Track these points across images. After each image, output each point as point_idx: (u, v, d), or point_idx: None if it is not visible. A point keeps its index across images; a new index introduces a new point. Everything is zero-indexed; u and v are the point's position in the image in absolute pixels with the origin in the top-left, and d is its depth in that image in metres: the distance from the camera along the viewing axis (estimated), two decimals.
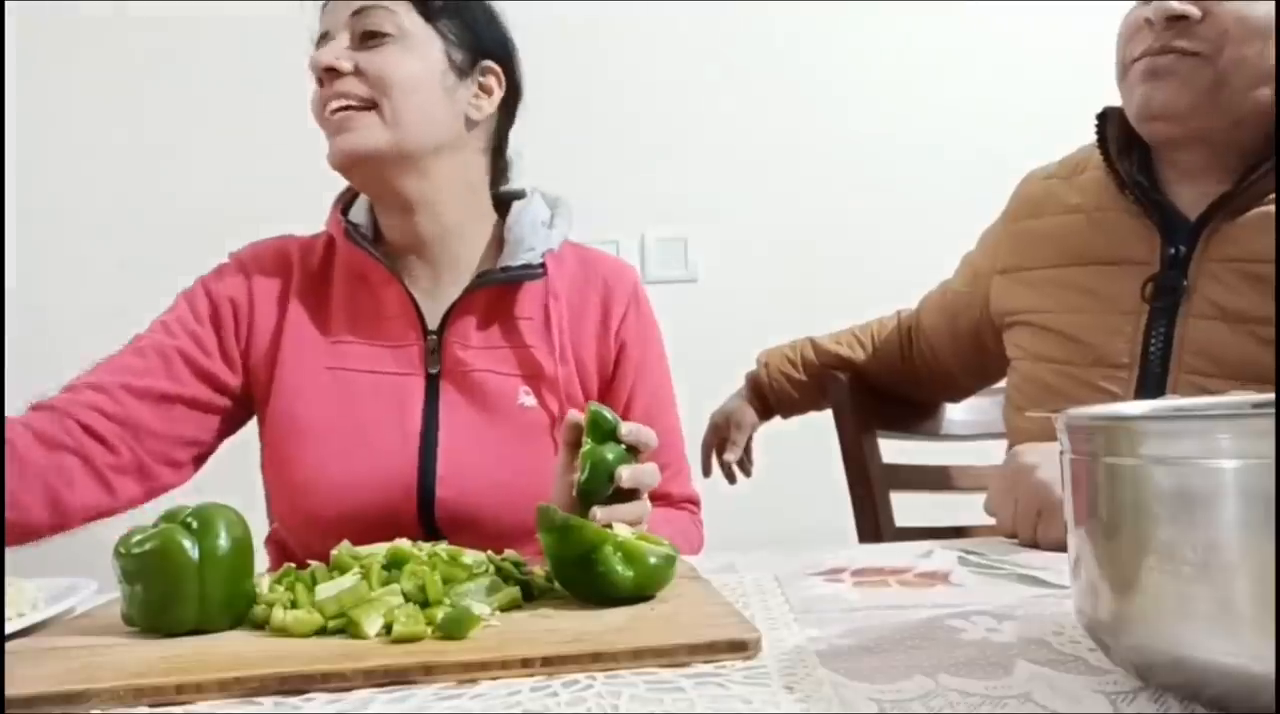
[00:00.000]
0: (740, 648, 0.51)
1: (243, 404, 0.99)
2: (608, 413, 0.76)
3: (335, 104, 0.92)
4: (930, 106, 2.07)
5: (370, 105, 0.92)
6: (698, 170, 2.05)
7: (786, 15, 2.07)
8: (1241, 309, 0.87)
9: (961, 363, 1.24)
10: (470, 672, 0.49)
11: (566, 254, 1.03)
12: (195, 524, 0.60)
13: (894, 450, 1.38)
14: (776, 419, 1.42)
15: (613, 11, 1.99)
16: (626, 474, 0.74)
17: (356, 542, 0.69)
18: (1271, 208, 0.90)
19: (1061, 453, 0.47)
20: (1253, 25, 0.87)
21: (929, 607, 0.60)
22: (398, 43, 0.93)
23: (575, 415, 0.78)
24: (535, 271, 0.97)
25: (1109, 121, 1.01)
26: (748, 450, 1.39)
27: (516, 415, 0.96)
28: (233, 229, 1.94)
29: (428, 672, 0.49)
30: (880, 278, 1.51)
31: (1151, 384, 0.94)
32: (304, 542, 0.94)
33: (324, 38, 0.95)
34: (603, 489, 0.74)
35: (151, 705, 0.47)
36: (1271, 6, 0.87)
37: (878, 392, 1.34)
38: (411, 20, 0.94)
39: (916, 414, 1.39)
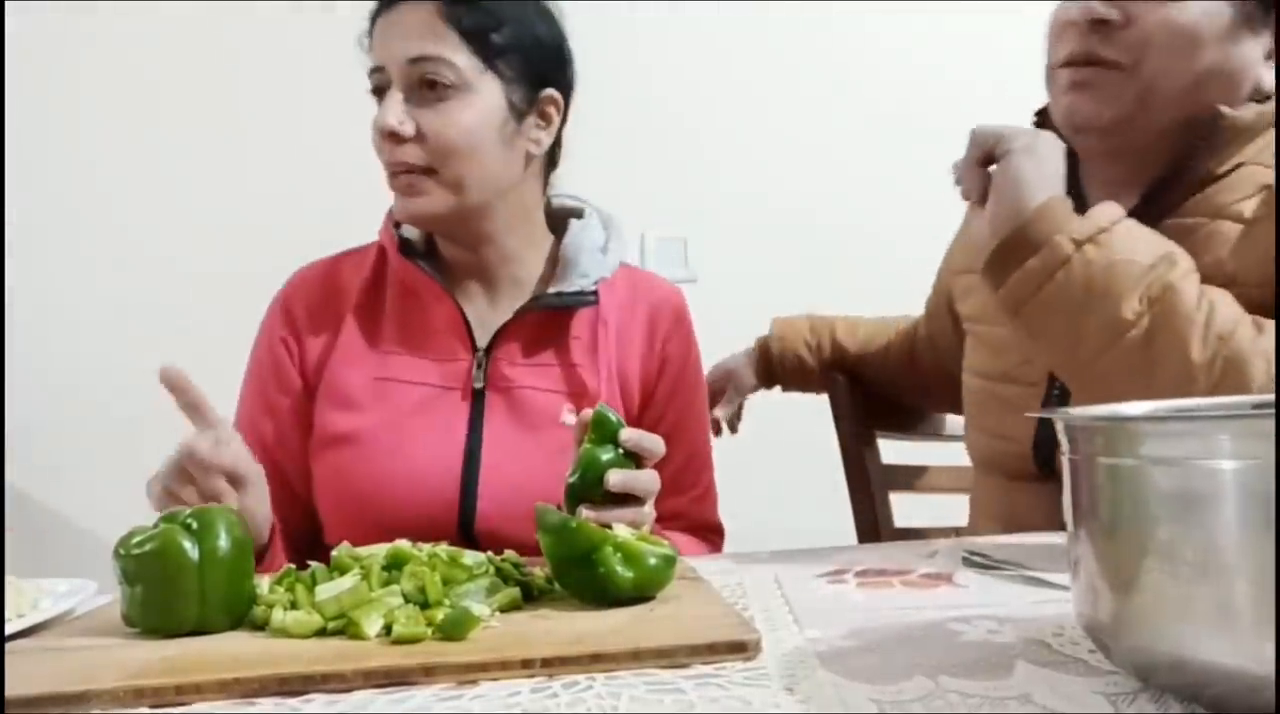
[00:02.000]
0: (740, 649, 0.51)
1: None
2: (612, 415, 0.76)
3: (398, 169, 0.93)
4: (932, 105, 2.07)
5: (432, 170, 0.93)
6: (698, 170, 2.05)
7: (786, 14, 2.07)
8: None
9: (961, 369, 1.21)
10: (470, 673, 0.49)
11: (617, 276, 1.04)
12: (195, 525, 0.60)
13: (894, 450, 1.38)
14: (779, 420, 1.41)
15: (611, 12, 1.99)
16: (615, 478, 0.74)
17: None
18: (1182, 219, 0.86)
19: (1061, 454, 0.46)
20: (1178, 31, 0.83)
21: (930, 608, 0.60)
22: (458, 96, 0.92)
23: (586, 414, 0.78)
24: (588, 298, 0.99)
25: (1047, 121, 0.96)
26: (738, 411, 1.37)
27: (559, 432, 0.96)
28: (230, 227, 1.95)
29: (427, 673, 0.49)
30: (881, 277, 1.51)
31: (1053, 405, 0.92)
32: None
33: (377, 73, 0.94)
34: (592, 491, 0.74)
35: (151, 706, 0.47)
36: (1199, 10, 0.83)
37: (886, 398, 1.33)
38: (471, 66, 0.92)
39: (916, 415, 1.39)
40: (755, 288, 2.00)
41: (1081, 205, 0.88)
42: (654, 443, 0.77)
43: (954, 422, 1.40)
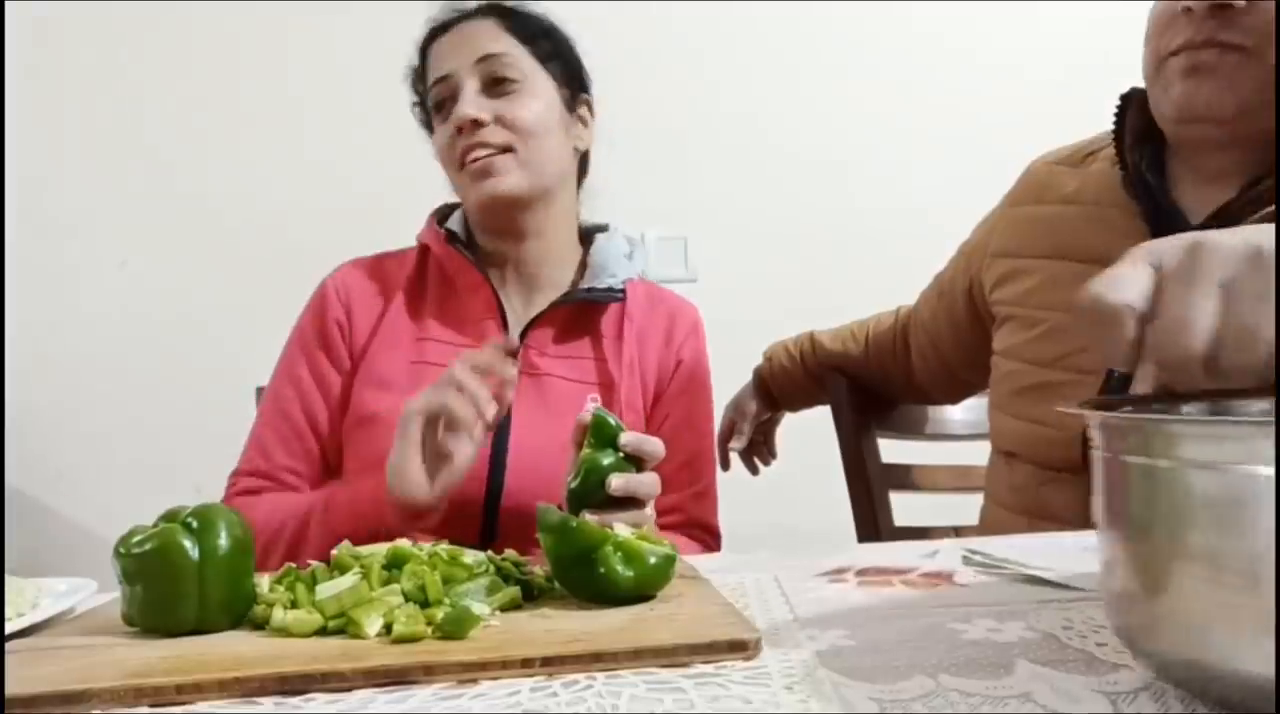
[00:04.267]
0: (740, 648, 0.51)
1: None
2: (611, 419, 0.77)
3: (478, 153, 1.00)
4: (931, 104, 2.07)
5: (506, 149, 1.01)
6: (697, 170, 2.06)
7: (786, 14, 2.07)
8: None
9: (962, 354, 1.20)
10: (470, 672, 0.49)
11: (640, 286, 1.12)
12: (195, 524, 0.60)
13: (894, 450, 1.38)
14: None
15: (611, 11, 1.99)
16: (617, 482, 0.75)
17: (424, 525, 0.74)
18: (1265, 223, 0.83)
19: (1094, 450, 0.44)
20: None
21: (931, 607, 0.60)
22: (523, 88, 1.03)
23: (584, 417, 0.79)
24: (617, 295, 1.07)
25: (1130, 107, 0.95)
26: (769, 441, 1.41)
27: None
28: (231, 227, 1.95)
29: (428, 672, 0.49)
30: (880, 276, 1.51)
31: (1114, 393, 0.91)
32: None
33: (444, 81, 1.02)
34: (594, 495, 0.75)
35: (151, 705, 0.47)
36: None
37: (873, 394, 1.34)
38: (528, 64, 1.04)
39: (916, 414, 1.39)
40: (755, 288, 2.01)
41: (1163, 195, 0.89)
42: (654, 446, 0.79)
43: (953, 422, 1.40)
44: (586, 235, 1.15)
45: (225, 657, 0.52)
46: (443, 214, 1.12)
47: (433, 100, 1.04)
